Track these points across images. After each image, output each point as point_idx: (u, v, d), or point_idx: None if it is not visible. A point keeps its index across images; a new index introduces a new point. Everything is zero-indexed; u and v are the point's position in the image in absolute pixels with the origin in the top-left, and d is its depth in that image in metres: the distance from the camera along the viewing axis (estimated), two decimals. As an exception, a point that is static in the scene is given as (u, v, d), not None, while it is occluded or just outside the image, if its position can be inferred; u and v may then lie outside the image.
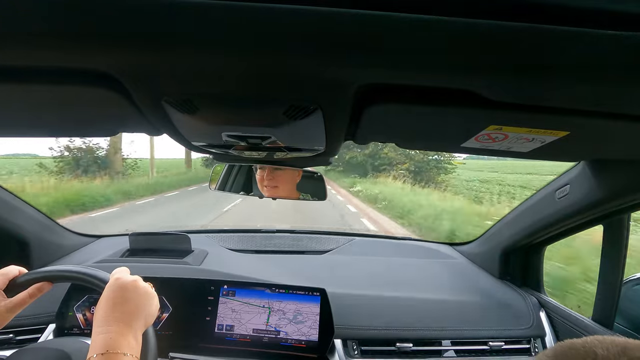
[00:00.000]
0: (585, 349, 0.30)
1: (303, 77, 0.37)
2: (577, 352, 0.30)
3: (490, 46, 0.30)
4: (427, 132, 0.59)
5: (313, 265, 1.32)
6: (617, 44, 0.29)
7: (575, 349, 0.31)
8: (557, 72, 0.33)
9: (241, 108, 0.47)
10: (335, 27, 0.29)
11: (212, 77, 0.37)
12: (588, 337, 0.32)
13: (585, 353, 0.29)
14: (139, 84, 0.40)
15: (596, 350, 0.29)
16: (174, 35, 0.30)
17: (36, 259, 1.15)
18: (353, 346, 0.96)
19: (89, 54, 0.33)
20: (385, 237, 1.76)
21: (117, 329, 0.50)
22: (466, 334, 1.00)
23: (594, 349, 0.29)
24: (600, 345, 0.29)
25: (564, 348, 0.32)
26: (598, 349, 0.29)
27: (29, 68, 0.37)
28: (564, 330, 1.01)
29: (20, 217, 1.11)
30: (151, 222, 6.58)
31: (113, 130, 0.64)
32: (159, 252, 1.26)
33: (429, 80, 0.37)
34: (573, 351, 0.30)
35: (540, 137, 0.52)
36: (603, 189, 0.77)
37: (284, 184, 1.04)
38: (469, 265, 1.38)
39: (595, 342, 0.30)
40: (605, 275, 0.89)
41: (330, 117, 0.48)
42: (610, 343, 0.30)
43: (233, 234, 1.57)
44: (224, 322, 0.96)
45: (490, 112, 0.45)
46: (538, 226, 1.03)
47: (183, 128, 0.57)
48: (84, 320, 0.96)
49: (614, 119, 0.44)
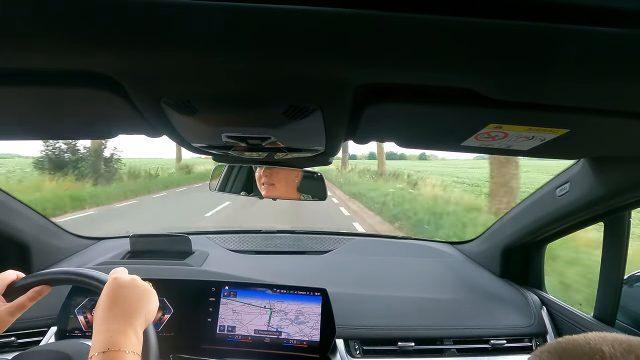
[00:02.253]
0: (590, 346, 0.29)
1: (302, 77, 0.37)
2: (581, 350, 0.29)
3: (489, 45, 0.30)
4: (427, 131, 0.59)
5: (314, 266, 1.32)
6: (617, 41, 0.29)
7: (579, 346, 0.30)
8: (557, 69, 0.33)
9: (240, 109, 0.47)
10: (335, 27, 0.29)
11: (210, 77, 0.37)
12: (587, 333, 0.31)
13: (591, 351, 0.28)
14: (138, 85, 0.40)
15: (603, 348, 0.28)
16: (173, 37, 0.30)
17: (36, 261, 1.15)
18: (355, 346, 0.96)
19: (87, 55, 0.33)
20: (385, 236, 1.76)
21: (118, 327, 0.50)
22: (468, 332, 1.00)
23: (601, 346, 0.28)
24: (605, 343, 0.28)
25: (564, 345, 0.31)
26: (604, 347, 0.28)
27: (26, 70, 0.37)
28: (566, 328, 1.01)
29: (20, 220, 1.11)
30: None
31: (112, 132, 0.64)
32: (160, 254, 1.26)
33: (428, 79, 0.37)
34: (578, 348, 0.29)
35: (540, 135, 0.52)
36: (603, 187, 0.77)
37: (281, 182, 1.03)
38: (469, 264, 1.38)
39: (599, 339, 0.29)
40: (607, 272, 0.89)
41: (330, 117, 0.48)
42: (614, 340, 0.29)
43: (233, 235, 1.57)
44: (225, 323, 0.96)
45: (489, 111, 0.45)
46: (539, 224, 1.03)
47: (182, 129, 0.57)
48: (85, 323, 0.95)
49: (614, 116, 0.44)
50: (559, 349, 0.31)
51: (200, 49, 0.31)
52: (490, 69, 0.34)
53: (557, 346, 0.32)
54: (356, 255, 1.42)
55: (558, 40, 0.29)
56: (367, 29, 0.29)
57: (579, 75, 0.34)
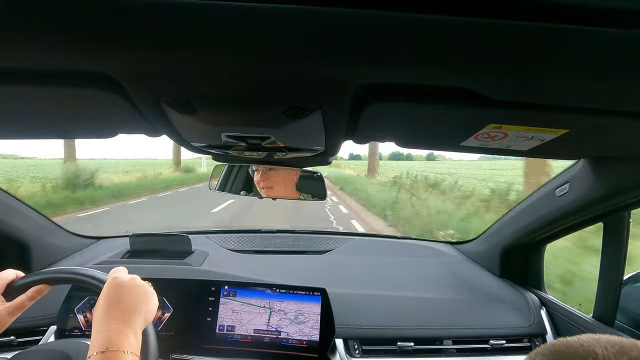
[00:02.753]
0: (584, 348, 0.29)
1: (302, 76, 0.37)
2: (575, 352, 0.29)
3: (489, 45, 0.30)
4: (427, 131, 0.59)
5: (313, 265, 1.32)
6: (616, 41, 0.29)
7: (573, 349, 0.30)
8: (556, 70, 0.33)
9: (240, 108, 0.47)
10: (335, 27, 0.29)
11: (210, 77, 0.37)
12: (582, 335, 0.31)
13: (584, 353, 0.29)
14: (138, 84, 0.40)
15: (596, 350, 0.28)
16: (173, 36, 0.30)
17: (36, 261, 1.15)
18: (354, 346, 0.96)
19: (87, 55, 0.33)
20: (385, 236, 1.76)
21: (117, 327, 0.50)
22: (467, 332, 1.00)
23: (594, 348, 0.28)
24: (598, 345, 0.29)
25: (558, 347, 0.31)
26: (597, 349, 0.28)
27: (27, 69, 0.37)
28: (565, 328, 1.01)
29: (19, 219, 1.11)
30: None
31: (112, 131, 0.64)
32: (160, 254, 1.26)
33: (428, 79, 0.37)
34: (571, 351, 0.30)
35: (540, 135, 0.52)
36: (603, 187, 0.77)
37: (280, 184, 1.03)
38: (469, 264, 1.38)
39: (592, 341, 0.30)
40: (606, 273, 0.89)
41: (330, 117, 0.48)
42: (607, 342, 0.29)
43: (233, 235, 1.57)
44: (225, 323, 0.96)
45: (489, 111, 0.45)
46: (538, 224, 1.03)
47: (182, 128, 0.57)
48: (85, 322, 0.96)
49: (614, 116, 0.44)
50: (553, 351, 0.31)
51: (199, 48, 0.31)
52: (490, 69, 0.34)
53: (552, 348, 0.32)
54: (356, 255, 1.42)
55: (557, 40, 0.29)
56: (367, 28, 0.29)
57: (578, 75, 0.34)
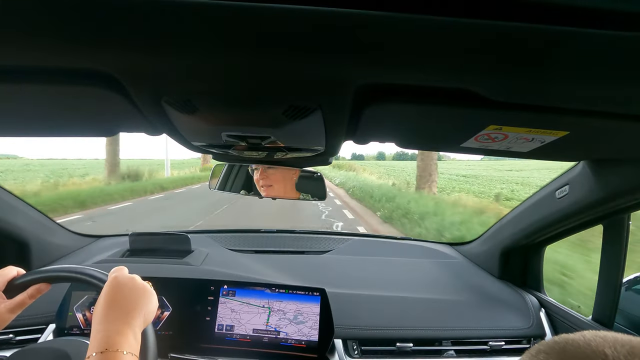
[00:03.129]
0: (592, 348, 0.27)
1: (302, 77, 0.37)
2: (583, 352, 0.27)
3: (489, 46, 0.30)
4: (427, 132, 0.59)
5: (313, 265, 1.32)
6: (617, 43, 0.29)
7: (580, 347, 0.28)
8: (557, 71, 0.33)
9: (240, 108, 0.47)
10: (335, 27, 0.29)
11: (211, 77, 0.37)
12: (584, 332, 0.29)
13: (593, 353, 0.26)
14: (139, 84, 0.40)
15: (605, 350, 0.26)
16: (174, 36, 0.30)
17: (36, 259, 1.15)
18: (353, 346, 0.96)
19: (88, 53, 0.33)
20: (385, 237, 1.76)
21: (116, 327, 0.50)
22: (466, 333, 1.00)
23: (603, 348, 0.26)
24: (607, 344, 0.27)
25: (563, 345, 0.29)
26: (607, 349, 0.26)
27: (28, 67, 0.37)
28: (564, 329, 1.01)
29: (19, 218, 1.11)
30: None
31: (112, 130, 0.64)
32: (159, 252, 1.26)
33: (428, 80, 0.37)
34: (578, 350, 0.28)
35: (540, 137, 0.52)
36: (603, 189, 0.77)
37: (279, 182, 1.03)
38: (468, 265, 1.38)
39: (600, 340, 0.27)
40: (605, 275, 0.89)
41: (330, 117, 0.48)
42: (615, 342, 0.27)
43: (233, 234, 1.57)
44: (224, 322, 0.96)
45: (490, 112, 0.45)
46: (538, 226, 1.03)
47: (183, 128, 0.57)
48: (84, 321, 0.96)
49: (614, 118, 0.44)
50: (557, 349, 0.29)
51: (200, 48, 0.32)
52: (491, 71, 0.34)
53: (555, 346, 0.30)
54: (355, 255, 1.42)
55: (558, 42, 0.29)
56: (367, 29, 0.29)
57: (579, 77, 0.34)
